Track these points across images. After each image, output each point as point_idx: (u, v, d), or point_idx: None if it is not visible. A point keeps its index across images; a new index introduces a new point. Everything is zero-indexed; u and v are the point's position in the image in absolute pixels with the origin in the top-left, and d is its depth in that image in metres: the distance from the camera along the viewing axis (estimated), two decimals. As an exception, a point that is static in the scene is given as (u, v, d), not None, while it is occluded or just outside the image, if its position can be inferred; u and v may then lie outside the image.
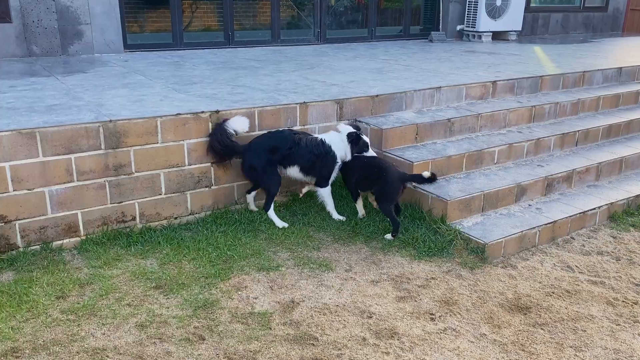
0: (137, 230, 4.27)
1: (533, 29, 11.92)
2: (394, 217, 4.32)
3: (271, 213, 4.50)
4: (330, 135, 4.50)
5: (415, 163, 4.63)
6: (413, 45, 9.80)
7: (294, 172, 4.49)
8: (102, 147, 4.04)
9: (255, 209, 4.69)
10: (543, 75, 6.50)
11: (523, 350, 3.18)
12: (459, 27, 10.78)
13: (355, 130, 4.47)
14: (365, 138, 4.50)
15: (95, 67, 6.53)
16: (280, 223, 4.47)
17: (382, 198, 4.36)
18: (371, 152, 4.51)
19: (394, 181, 4.31)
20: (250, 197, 4.68)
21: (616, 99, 6.74)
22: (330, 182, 4.56)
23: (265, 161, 4.37)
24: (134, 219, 4.28)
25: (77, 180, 4.01)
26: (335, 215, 4.63)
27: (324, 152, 4.41)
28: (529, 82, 6.37)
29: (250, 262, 3.95)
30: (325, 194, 4.59)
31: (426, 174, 4.30)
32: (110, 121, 4.06)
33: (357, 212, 4.64)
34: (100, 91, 5.12)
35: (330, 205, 4.64)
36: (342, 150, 4.45)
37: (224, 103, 4.70)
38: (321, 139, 4.45)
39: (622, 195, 5.16)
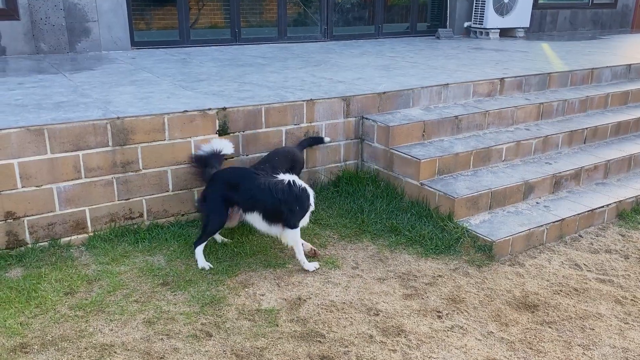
0: (145, 227, 4.28)
1: (541, 26, 11.85)
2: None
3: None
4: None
5: (422, 160, 4.62)
6: (420, 42, 9.76)
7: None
8: (110, 144, 4.05)
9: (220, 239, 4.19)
10: (551, 73, 6.46)
11: (531, 348, 3.17)
12: (466, 24, 10.73)
13: None
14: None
15: (102, 64, 6.55)
16: (203, 264, 3.82)
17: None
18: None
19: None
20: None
21: (625, 96, 6.69)
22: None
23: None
24: (141, 215, 4.29)
25: (85, 177, 4.02)
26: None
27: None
28: (537, 79, 6.34)
29: (257, 260, 3.96)
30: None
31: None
32: (118, 118, 4.07)
33: (363, 211, 4.63)
34: (108, 88, 5.14)
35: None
36: None
37: (231, 100, 4.70)
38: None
39: (631, 193, 5.12)
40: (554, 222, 4.48)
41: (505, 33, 10.78)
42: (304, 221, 3.87)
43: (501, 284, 3.82)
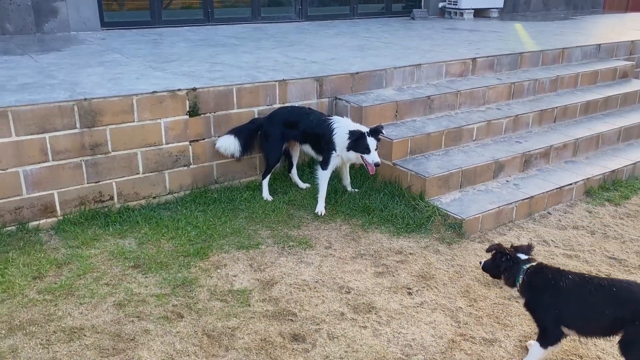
0: (115, 210, 4.23)
1: (515, 6, 11.90)
2: None
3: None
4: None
5: (394, 140, 4.64)
6: (395, 22, 9.74)
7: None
8: (77, 126, 3.98)
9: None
10: (523, 52, 6.52)
11: (498, 322, 3.24)
12: (441, 5, 10.73)
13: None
14: None
15: (70, 46, 6.40)
16: (267, 196, 4.62)
17: None
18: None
19: None
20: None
21: (594, 75, 6.79)
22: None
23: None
24: (111, 198, 4.25)
25: (53, 160, 3.95)
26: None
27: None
28: (509, 59, 6.39)
29: (230, 241, 3.95)
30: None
31: None
32: (85, 99, 3.99)
33: (337, 191, 4.65)
34: (76, 70, 5.03)
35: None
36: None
37: (202, 80, 4.64)
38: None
39: (599, 170, 5.23)
40: (523, 200, 4.55)
41: (480, 13, 10.82)
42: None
43: (470, 260, 3.88)
